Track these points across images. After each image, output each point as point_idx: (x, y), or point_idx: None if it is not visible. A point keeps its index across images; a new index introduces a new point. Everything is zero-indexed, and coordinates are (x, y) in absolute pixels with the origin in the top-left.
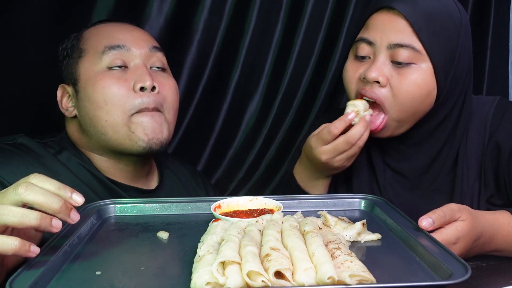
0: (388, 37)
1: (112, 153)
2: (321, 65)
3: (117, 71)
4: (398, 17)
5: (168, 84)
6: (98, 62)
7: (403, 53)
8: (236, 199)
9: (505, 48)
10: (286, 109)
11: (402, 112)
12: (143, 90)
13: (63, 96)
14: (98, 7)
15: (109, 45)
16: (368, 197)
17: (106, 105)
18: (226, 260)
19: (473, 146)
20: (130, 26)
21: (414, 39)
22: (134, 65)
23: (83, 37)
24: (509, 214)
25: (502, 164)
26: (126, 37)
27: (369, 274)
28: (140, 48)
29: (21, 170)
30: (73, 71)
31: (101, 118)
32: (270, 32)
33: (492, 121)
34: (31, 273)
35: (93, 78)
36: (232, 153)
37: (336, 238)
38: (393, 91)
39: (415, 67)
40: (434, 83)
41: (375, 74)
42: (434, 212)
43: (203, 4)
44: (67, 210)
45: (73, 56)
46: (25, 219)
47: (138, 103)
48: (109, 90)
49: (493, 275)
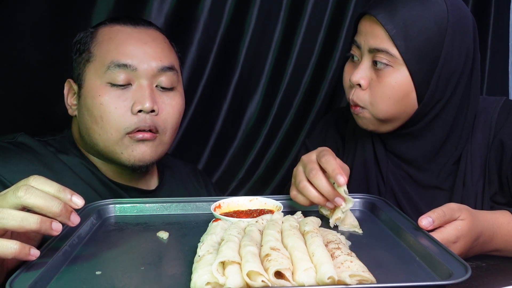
0: (368, 41)
1: (106, 159)
2: (321, 65)
3: (119, 89)
4: (376, 23)
5: (171, 105)
6: (102, 76)
7: (380, 57)
8: (236, 199)
9: (505, 48)
10: (286, 109)
11: (381, 112)
12: (141, 112)
13: (69, 91)
14: (98, 7)
15: (116, 62)
16: (368, 197)
17: (102, 121)
18: (226, 260)
19: (478, 145)
20: (148, 34)
21: (390, 45)
22: (138, 84)
23: (97, 38)
24: (509, 213)
25: (506, 163)
26: (137, 52)
27: (369, 274)
28: (147, 68)
29: (20, 168)
30: (80, 72)
31: (95, 131)
32: (270, 32)
33: (497, 120)
34: (31, 274)
35: (94, 91)
36: (232, 153)
37: (336, 238)
38: (371, 92)
39: (392, 70)
40: (411, 85)
41: (356, 78)
42: (434, 212)
43: (203, 4)
44: (67, 213)
45: (82, 56)
46: (25, 223)
47: (133, 123)
48: (106, 108)
49: (493, 275)
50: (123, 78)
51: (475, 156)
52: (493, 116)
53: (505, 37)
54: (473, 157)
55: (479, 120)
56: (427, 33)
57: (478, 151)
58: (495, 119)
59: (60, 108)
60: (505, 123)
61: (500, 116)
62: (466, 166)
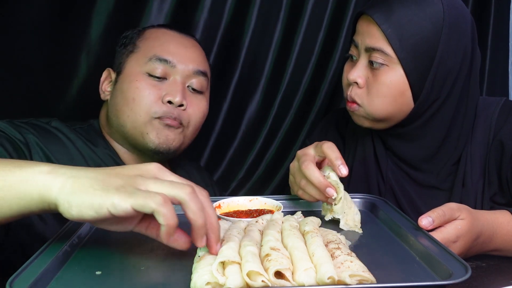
0: (365, 41)
1: (129, 146)
2: (321, 65)
3: (155, 80)
4: (373, 23)
5: (198, 106)
6: (143, 65)
7: (376, 56)
8: (236, 199)
9: (505, 48)
10: (286, 109)
11: (376, 110)
12: (171, 104)
13: (106, 79)
14: (98, 7)
15: (158, 56)
16: (368, 197)
17: (133, 103)
18: (226, 260)
19: (477, 145)
20: (190, 41)
21: (385, 44)
22: (173, 79)
23: (144, 35)
24: (509, 213)
25: (505, 163)
26: (178, 52)
27: (369, 274)
28: (184, 67)
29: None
30: (121, 61)
31: (125, 112)
32: (270, 32)
33: (497, 121)
34: (31, 273)
35: (132, 76)
36: (232, 153)
37: (336, 238)
38: (367, 90)
39: (387, 69)
40: (407, 84)
41: (352, 77)
42: (434, 211)
43: (203, 4)
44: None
45: (127, 48)
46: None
47: (162, 111)
48: (140, 92)
49: (493, 275)
50: (161, 71)
51: (475, 156)
52: (493, 117)
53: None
54: (473, 158)
55: (479, 120)
56: (422, 33)
57: (478, 152)
58: (495, 119)
59: (60, 108)
60: (505, 123)
61: (500, 116)
62: (466, 166)
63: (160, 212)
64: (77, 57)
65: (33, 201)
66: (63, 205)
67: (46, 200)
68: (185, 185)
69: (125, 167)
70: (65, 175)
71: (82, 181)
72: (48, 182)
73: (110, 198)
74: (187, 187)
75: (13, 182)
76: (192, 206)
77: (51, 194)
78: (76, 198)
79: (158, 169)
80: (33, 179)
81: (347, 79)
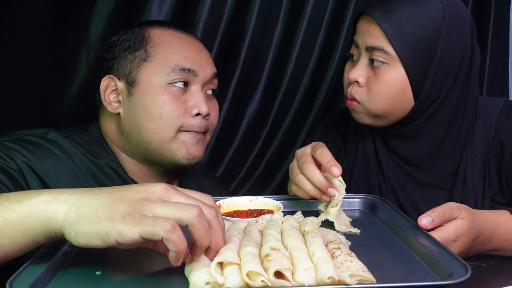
0: (365, 40)
1: (146, 160)
2: (321, 65)
3: (178, 89)
4: (373, 22)
5: (215, 109)
6: (164, 76)
7: (376, 55)
8: (236, 199)
9: (505, 48)
10: (286, 109)
11: (377, 108)
12: (198, 115)
13: (108, 87)
14: (98, 7)
15: (181, 66)
16: (368, 197)
17: (161, 119)
18: (224, 260)
19: (478, 145)
20: (198, 43)
21: (386, 43)
22: (194, 88)
23: (152, 39)
24: (508, 213)
25: (505, 163)
26: (197, 59)
27: (369, 274)
28: (205, 74)
29: (53, 165)
30: (132, 70)
31: (150, 129)
32: (270, 32)
33: (497, 121)
34: (31, 273)
35: (154, 89)
36: (232, 153)
37: (336, 238)
38: (367, 88)
39: (388, 67)
40: (407, 82)
41: (353, 76)
42: (433, 211)
43: (203, 4)
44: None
45: (135, 54)
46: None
47: (191, 124)
48: (168, 106)
49: (493, 275)
50: (185, 80)
51: (475, 156)
52: (493, 117)
53: (505, 37)
54: (473, 158)
55: (479, 120)
56: (421, 31)
57: (478, 152)
58: (495, 119)
59: (60, 108)
60: (505, 123)
61: (500, 116)
62: (467, 166)
63: (169, 239)
64: (77, 57)
65: (39, 235)
66: (69, 234)
67: (52, 230)
68: (192, 207)
69: (129, 189)
70: (67, 202)
71: (87, 209)
72: (51, 213)
73: (117, 228)
74: (194, 209)
75: (14, 219)
76: (199, 228)
77: (57, 224)
78: (81, 227)
79: (165, 190)
80: (35, 213)
81: (348, 78)
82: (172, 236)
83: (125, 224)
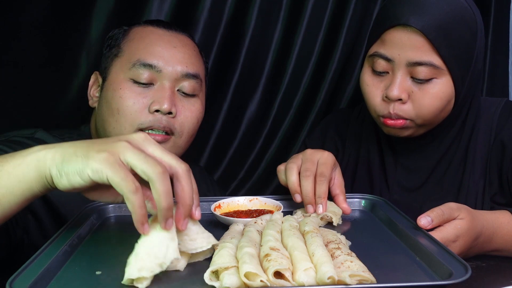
0: (407, 54)
1: None
2: (321, 65)
3: (140, 86)
4: (416, 34)
5: (190, 110)
6: (126, 71)
7: (423, 70)
8: (236, 199)
9: (505, 48)
10: (286, 109)
11: (426, 121)
12: (158, 112)
13: (94, 83)
14: (98, 7)
15: (142, 61)
16: (368, 197)
17: (118, 114)
18: (219, 268)
19: (479, 145)
20: (180, 39)
21: (433, 56)
22: (160, 85)
23: (128, 36)
24: (509, 213)
25: (506, 163)
26: (164, 55)
27: (369, 274)
28: (172, 71)
29: None
30: (107, 66)
31: (110, 123)
32: (270, 32)
33: (498, 121)
34: (31, 273)
35: (116, 84)
36: (232, 153)
37: (336, 238)
38: (414, 105)
39: (436, 81)
40: (453, 92)
41: (397, 93)
42: (433, 211)
43: (203, 4)
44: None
45: (112, 51)
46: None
47: (148, 121)
48: (124, 101)
49: (493, 275)
50: (147, 77)
51: (476, 156)
52: (494, 117)
53: (505, 37)
54: (474, 158)
55: (480, 121)
56: (464, 37)
57: (479, 152)
58: (496, 120)
59: (60, 108)
60: (505, 124)
61: (501, 117)
62: (467, 167)
63: (129, 199)
64: (77, 57)
65: (32, 181)
66: (56, 176)
67: (43, 174)
68: (158, 165)
69: (113, 137)
70: (55, 147)
71: (70, 150)
72: (41, 157)
73: (90, 165)
74: (158, 166)
75: (9, 168)
76: (158, 186)
77: (45, 167)
78: (63, 167)
79: (144, 139)
80: (28, 160)
81: (387, 97)
82: (132, 196)
83: (100, 163)
